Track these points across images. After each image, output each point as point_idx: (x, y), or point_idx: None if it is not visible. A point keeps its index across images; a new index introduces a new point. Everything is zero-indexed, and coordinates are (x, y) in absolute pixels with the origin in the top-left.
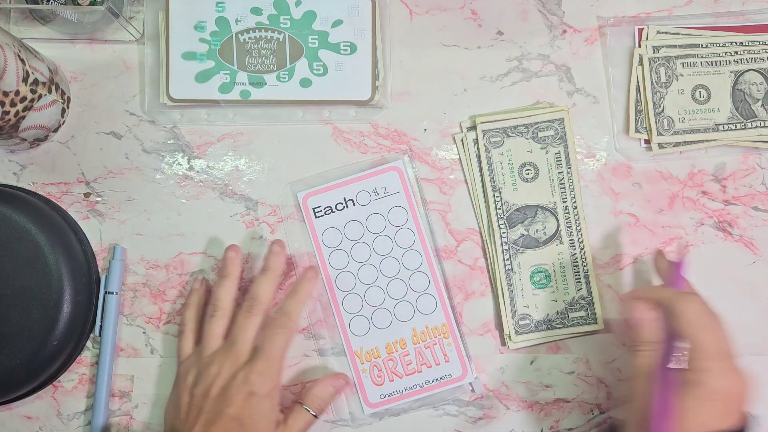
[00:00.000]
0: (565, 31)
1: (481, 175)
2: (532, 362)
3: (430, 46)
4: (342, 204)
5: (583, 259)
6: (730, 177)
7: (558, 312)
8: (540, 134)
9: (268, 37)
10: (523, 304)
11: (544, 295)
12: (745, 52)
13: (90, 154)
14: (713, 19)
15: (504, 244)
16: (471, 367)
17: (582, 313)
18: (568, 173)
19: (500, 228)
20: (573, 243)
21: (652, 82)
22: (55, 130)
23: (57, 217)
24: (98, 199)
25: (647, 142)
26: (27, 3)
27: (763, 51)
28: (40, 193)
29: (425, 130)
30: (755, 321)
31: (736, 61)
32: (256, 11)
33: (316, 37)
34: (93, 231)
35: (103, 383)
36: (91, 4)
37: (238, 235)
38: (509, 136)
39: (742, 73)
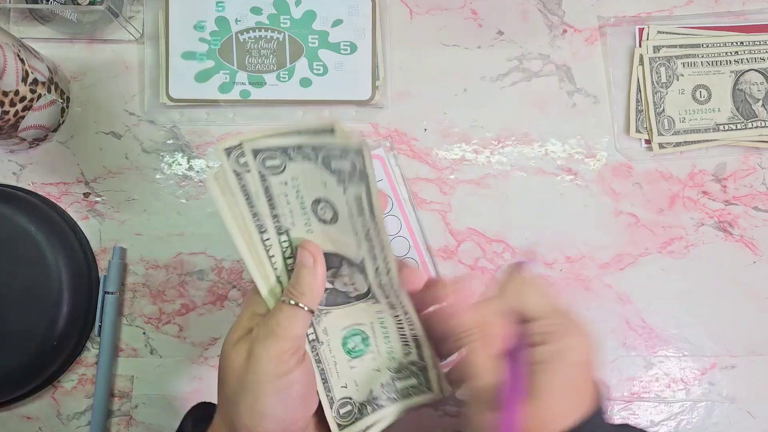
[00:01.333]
0: (565, 31)
1: (253, 211)
2: None
3: (430, 45)
4: None
5: (411, 323)
6: (731, 177)
7: (383, 385)
8: (333, 164)
9: (268, 37)
10: (340, 384)
11: (362, 366)
12: (746, 52)
13: (89, 154)
14: (714, 19)
15: None
16: None
17: (413, 382)
18: (374, 224)
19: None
20: (393, 305)
21: (652, 82)
22: (55, 130)
23: (56, 217)
24: (98, 199)
25: (648, 142)
26: (27, 2)
27: (764, 51)
28: (40, 193)
29: (425, 130)
30: (756, 321)
31: (736, 61)
32: (256, 11)
33: (316, 36)
34: (92, 231)
35: (102, 384)
36: (91, 3)
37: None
38: (292, 159)
39: (743, 73)
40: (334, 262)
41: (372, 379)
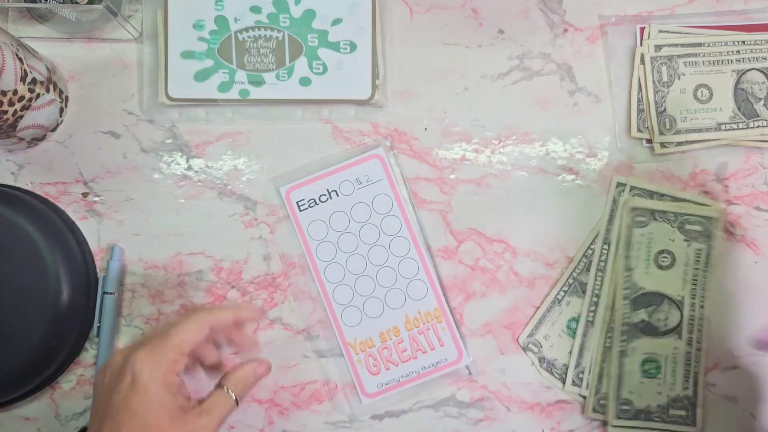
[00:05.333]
0: (566, 30)
1: (617, 250)
2: (532, 363)
3: (430, 44)
4: (325, 195)
5: (697, 360)
6: (732, 177)
7: (659, 405)
8: (687, 226)
9: (268, 36)
10: (628, 389)
11: (650, 385)
12: (747, 51)
13: (88, 154)
14: (715, 18)
15: (624, 325)
16: (466, 349)
17: (682, 413)
18: (705, 272)
19: (624, 308)
20: (691, 341)
21: (653, 82)
22: (53, 130)
23: (55, 217)
24: (96, 199)
25: (649, 141)
26: (25, 1)
27: (766, 50)
28: (38, 192)
29: (426, 129)
30: (758, 322)
31: (738, 60)
32: (255, 10)
33: (316, 35)
34: (91, 231)
35: None
36: (90, 2)
37: (237, 236)
38: (655, 220)
39: (745, 72)
40: (656, 299)
41: (652, 398)
